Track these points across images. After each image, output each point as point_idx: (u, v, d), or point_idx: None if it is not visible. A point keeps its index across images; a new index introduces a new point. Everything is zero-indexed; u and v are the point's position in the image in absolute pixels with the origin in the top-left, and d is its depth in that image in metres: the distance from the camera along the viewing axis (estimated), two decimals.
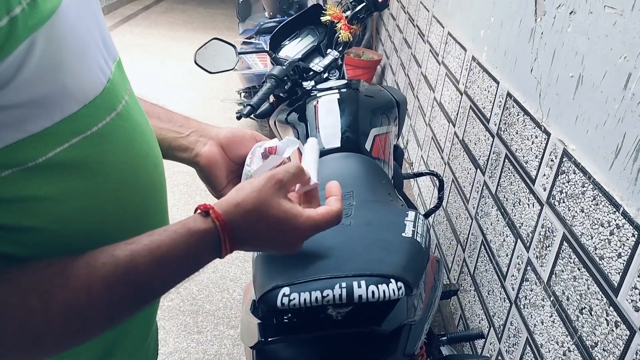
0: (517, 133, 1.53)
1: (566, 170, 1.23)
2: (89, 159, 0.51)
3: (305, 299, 0.74)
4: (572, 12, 1.29)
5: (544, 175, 1.34)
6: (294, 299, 0.74)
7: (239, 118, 1.59)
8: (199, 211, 0.58)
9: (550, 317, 1.26)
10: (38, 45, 0.43)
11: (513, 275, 1.49)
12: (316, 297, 0.74)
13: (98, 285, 0.49)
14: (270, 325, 0.82)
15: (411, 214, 0.97)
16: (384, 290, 0.74)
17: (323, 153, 1.44)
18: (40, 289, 0.47)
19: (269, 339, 0.81)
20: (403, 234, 0.88)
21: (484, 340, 1.68)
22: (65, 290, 0.48)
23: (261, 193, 0.60)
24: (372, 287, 0.74)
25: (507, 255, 1.54)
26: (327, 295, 0.74)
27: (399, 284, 0.75)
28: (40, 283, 0.47)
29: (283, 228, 0.60)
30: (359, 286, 0.74)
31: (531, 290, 1.37)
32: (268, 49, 1.79)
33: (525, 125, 1.48)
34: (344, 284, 0.74)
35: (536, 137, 1.41)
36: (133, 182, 0.56)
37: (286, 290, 0.75)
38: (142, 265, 0.51)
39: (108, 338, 0.62)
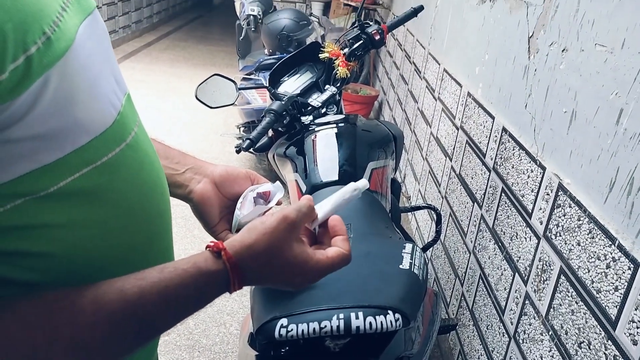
0: (513, 167, 1.55)
1: (562, 204, 1.25)
2: (99, 188, 0.52)
3: (303, 330, 0.74)
4: (564, 49, 1.32)
5: (540, 209, 1.35)
6: (292, 330, 0.74)
7: (238, 152, 1.61)
8: (209, 249, 0.58)
9: (549, 351, 1.25)
10: (52, 81, 0.45)
11: (511, 310, 1.48)
12: (314, 328, 0.74)
13: (104, 321, 0.50)
14: (268, 358, 0.81)
15: (408, 247, 0.97)
16: (381, 322, 0.74)
17: (321, 186, 1.45)
18: (47, 326, 0.48)
19: None
20: (400, 266, 0.89)
21: None
22: (71, 326, 0.48)
23: (273, 235, 0.60)
24: (369, 318, 0.74)
25: (505, 289, 1.54)
26: (325, 326, 0.74)
27: (397, 315, 0.75)
28: (47, 319, 0.48)
29: (292, 271, 0.61)
30: (357, 317, 0.74)
31: (530, 325, 1.37)
32: (267, 85, 1.82)
33: (521, 159, 1.50)
34: (341, 315, 0.74)
35: (532, 171, 1.42)
36: (141, 209, 0.57)
37: (284, 321, 0.75)
38: (150, 305, 0.52)
39: None
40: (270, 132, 1.85)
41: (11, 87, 0.42)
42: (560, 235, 1.24)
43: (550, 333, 1.25)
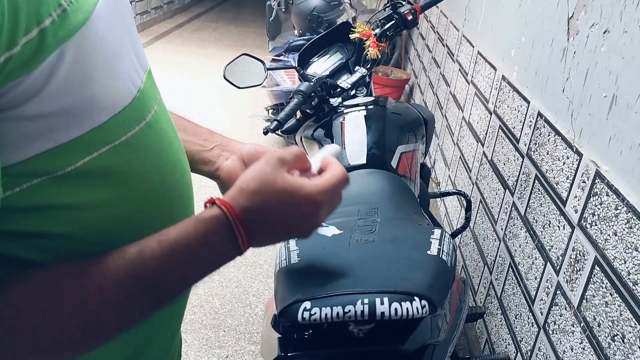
0: (547, 153, 1.50)
1: (599, 192, 1.20)
2: (117, 168, 0.51)
3: (326, 314, 0.73)
4: (606, 31, 1.26)
5: (576, 197, 1.31)
6: (315, 313, 0.73)
7: (265, 133, 1.60)
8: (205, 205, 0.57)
9: (580, 343, 1.22)
10: (67, 56, 0.44)
11: (542, 300, 1.45)
12: (337, 313, 0.72)
13: (109, 281, 0.48)
14: (291, 340, 0.80)
15: (437, 232, 0.95)
16: (407, 308, 0.72)
17: (348, 169, 1.43)
18: (52, 288, 0.47)
19: (289, 354, 0.79)
20: (428, 252, 0.87)
21: None
22: (76, 288, 0.47)
23: (262, 172, 0.58)
24: (395, 305, 0.72)
25: (535, 278, 1.50)
26: (349, 311, 0.72)
27: (423, 302, 0.73)
28: (52, 282, 0.47)
29: (293, 200, 0.57)
30: (382, 303, 0.72)
31: (560, 316, 1.33)
32: (296, 66, 1.80)
33: (557, 145, 1.45)
34: (366, 300, 0.73)
35: (567, 157, 1.37)
36: (160, 191, 0.56)
37: (307, 304, 0.74)
38: (151, 258, 0.50)
39: (131, 348, 0.61)
40: (298, 114, 1.83)
41: (24, 61, 0.41)
42: (595, 225, 1.20)
43: (582, 325, 1.22)
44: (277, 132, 1.61)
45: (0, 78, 0.40)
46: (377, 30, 1.75)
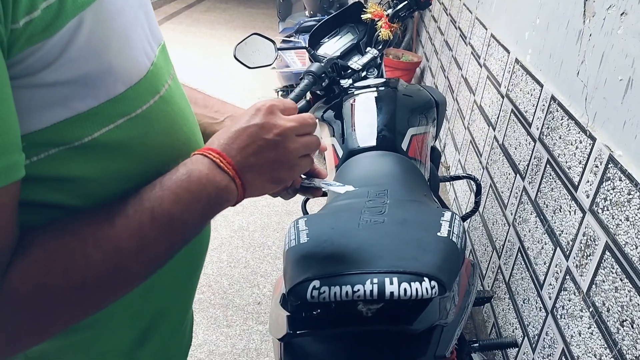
0: (560, 138, 1.48)
1: (611, 177, 1.18)
2: (132, 141, 0.51)
3: (335, 293, 0.73)
4: (623, 13, 1.24)
5: (588, 181, 1.29)
6: (324, 292, 0.73)
7: None
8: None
9: (588, 328, 1.21)
10: (86, 23, 0.44)
11: (550, 284, 1.44)
12: (347, 292, 0.72)
13: (117, 216, 0.49)
14: (299, 319, 0.81)
15: (447, 214, 0.94)
16: (416, 289, 0.72)
17: (358, 151, 1.43)
18: (72, 229, 0.48)
19: (297, 332, 0.80)
20: (438, 234, 0.86)
21: (517, 349, 1.63)
22: (91, 225, 0.48)
23: (239, 117, 0.60)
24: (404, 285, 0.72)
25: (544, 263, 1.50)
26: (358, 290, 0.72)
27: (433, 282, 0.73)
28: (70, 224, 0.48)
29: (249, 113, 0.59)
30: (391, 283, 0.72)
31: (569, 300, 1.32)
32: (307, 46, 1.79)
33: (570, 129, 1.43)
34: (375, 280, 0.73)
35: (580, 142, 1.36)
36: (175, 164, 0.56)
37: (316, 283, 0.74)
38: (148, 192, 0.51)
39: (146, 319, 0.62)
40: (308, 96, 1.82)
41: (44, 26, 0.41)
42: (607, 210, 1.19)
43: (590, 310, 1.21)
44: None
45: (20, 43, 0.40)
46: (390, 11, 1.73)
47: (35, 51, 0.42)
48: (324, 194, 1.50)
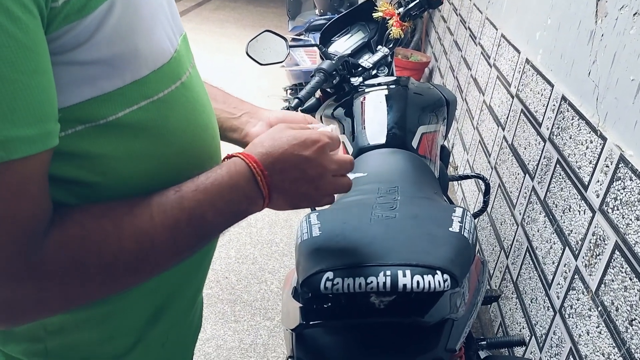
0: (570, 138, 1.49)
1: (622, 177, 1.19)
2: (154, 124, 0.54)
3: (348, 285, 0.73)
4: (636, 13, 1.24)
5: (598, 181, 1.30)
6: (338, 283, 0.74)
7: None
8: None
9: (597, 327, 1.22)
10: (116, 7, 0.47)
11: (559, 284, 1.44)
12: (360, 284, 0.73)
13: (157, 210, 0.52)
14: (312, 310, 0.82)
15: (458, 210, 0.95)
16: (429, 281, 0.73)
17: (368, 149, 1.43)
18: (111, 215, 0.51)
19: (310, 323, 0.81)
20: (450, 229, 0.87)
21: (524, 348, 1.63)
22: (130, 215, 0.51)
23: (271, 129, 0.64)
24: (417, 277, 0.73)
25: (553, 263, 1.50)
26: (371, 282, 0.73)
27: (445, 276, 0.74)
28: (111, 210, 0.51)
29: (298, 140, 0.61)
30: (404, 275, 0.73)
31: (577, 300, 1.33)
32: (318, 44, 1.79)
33: (580, 129, 1.43)
34: (388, 272, 0.73)
35: (591, 142, 1.36)
36: (192, 150, 0.59)
37: (330, 274, 0.75)
38: (188, 193, 0.54)
39: (160, 298, 0.64)
40: (318, 94, 1.83)
41: (79, 6, 0.44)
42: (617, 209, 1.19)
43: (599, 309, 1.21)
44: (297, 110, 1.61)
45: (57, 21, 0.43)
46: (401, 10, 1.73)
47: (70, 30, 0.44)
48: None
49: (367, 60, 1.72)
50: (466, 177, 1.80)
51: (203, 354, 1.90)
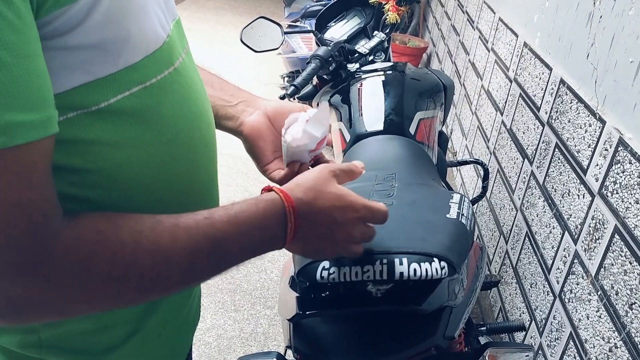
0: (569, 121, 1.47)
1: (621, 160, 1.18)
2: (147, 110, 0.53)
3: (345, 274, 0.73)
4: None
5: (597, 165, 1.29)
6: (334, 273, 0.73)
7: (282, 99, 1.59)
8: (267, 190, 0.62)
9: (596, 311, 1.21)
10: None
11: (558, 268, 1.44)
12: (356, 272, 0.73)
13: (182, 233, 0.52)
14: (309, 299, 0.81)
15: (456, 197, 0.94)
16: (426, 269, 0.72)
17: (365, 136, 1.42)
18: (132, 227, 0.50)
19: (307, 312, 0.80)
20: (448, 215, 0.86)
21: (524, 333, 1.63)
22: (152, 232, 0.50)
23: (318, 175, 0.63)
24: (414, 265, 0.72)
25: (552, 247, 1.49)
26: (368, 270, 0.72)
27: (443, 263, 0.73)
28: (132, 221, 0.50)
29: (341, 203, 0.62)
30: (401, 263, 0.72)
31: (577, 284, 1.32)
32: (314, 30, 1.77)
33: (579, 113, 1.42)
34: (385, 260, 0.73)
35: (590, 125, 1.35)
36: (186, 136, 0.58)
37: (326, 264, 0.74)
38: (219, 222, 0.54)
39: None
40: (315, 80, 1.81)
41: None
42: (617, 193, 1.18)
43: (599, 293, 1.21)
44: (293, 97, 1.59)
45: (48, 5, 0.42)
46: None
47: (61, 14, 0.44)
48: None
49: (363, 46, 1.70)
50: (465, 162, 1.79)
51: (203, 343, 1.90)
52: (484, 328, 1.35)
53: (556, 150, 1.54)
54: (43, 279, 0.45)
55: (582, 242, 1.32)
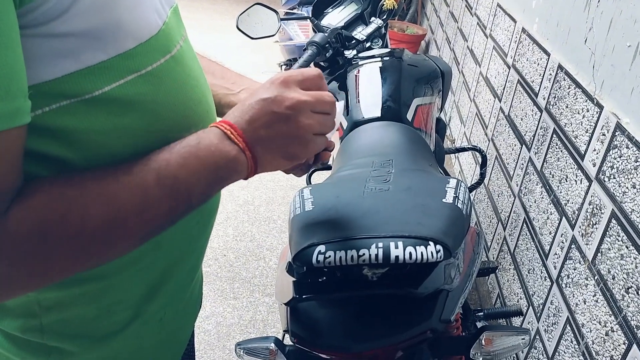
0: (567, 107, 1.47)
1: (618, 145, 1.18)
2: (143, 98, 0.53)
3: (340, 257, 0.73)
4: None
5: (594, 150, 1.28)
6: (330, 256, 0.73)
7: None
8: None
9: (593, 296, 1.22)
10: None
11: (556, 254, 1.44)
12: (352, 256, 0.73)
13: (121, 173, 0.50)
14: (305, 284, 0.81)
15: (453, 181, 0.94)
16: (421, 252, 0.72)
17: (363, 122, 1.42)
18: (75, 181, 0.49)
19: (303, 296, 0.80)
20: (444, 200, 0.86)
21: (522, 318, 1.64)
22: (95, 180, 0.49)
23: (253, 92, 0.60)
24: (409, 249, 0.72)
25: (550, 233, 1.49)
26: (363, 254, 0.73)
27: (438, 246, 0.73)
28: (75, 176, 0.49)
29: (259, 84, 0.59)
30: (396, 247, 0.72)
31: (574, 269, 1.33)
32: (310, 16, 1.76)
33: (577, 98, 1.41)
34: (380, 244, 0.73)
35: (587, 110, 1.34)
36: (185, 125, 0.57)
37: (322, 248, 0.74)
38: (154, 153, 0.52)
39: (155, 274, 0.64)
40: (312, 67, 1.80)
41: None
42: (614, 178, 1.18)
43: (595, 278, 1.21)
44: None
45: None
46: None
47: (45, 2, 0.43)
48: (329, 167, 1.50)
49: (360, 33, 1.69)
50: (462, 149, 1.79)
51: (203, 331, 1.91)
52: (482, 313, 1.35)
53: (554, 136, 1.54)
54: (1, 256, 0.45)
55: (580, 227, 1.32)
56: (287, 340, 0.93)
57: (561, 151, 1.48)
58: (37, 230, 0.46)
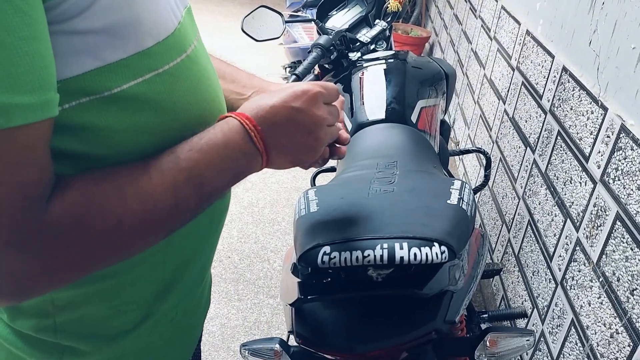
0: (571, 109, 1.47)
1: (623, 147, 1.18)
2: (160, 96, 0.53)
3: (345, 258, 0.73)
4: None
5: (599, 152, 1.28)
6: (335, 257, 0.74)
7: None
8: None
9: (598, 298, 1.22)
10: None
11: (560, 256, 1.44)
12: (357, 257, 0.73)
13: (154, 172, 0.52)
14: (310, 284, 0.82)
15: (457, 183, 0.94)
16: (426, 253, 0.72)
17: (367, 124, 1.42)
18: (111, 178, 0.50)
19: (308, 297, 0.81)
20: (448, 201, 0.86)
21: (526, 320, 1.64)
22: (130, 177, 0.51)
23: (270, 93, 0.62)
24: (414, 250, 0.72)
25: (554, 235, 1.49)
26: (368, 255, 0.73)
27: (443, 247, 0.73)
28: (110, 173, 0.51)
29: (287, 92, 0.60)
30: (401, 248, 0.72)
31: (579, 271, 1.33)
32: (315, 19, 1.77)
33: (581, 100, 1.41)
34: (385, 245, 0.73)
35: (592, 112, 1.34)
36: (199, 123, 0.58)
37: (327, 249, 0.74)
38: (183, 152, 0.54)
39: (167, 272, 0.65)
40: (316, 70, 1.81)
41: None
42: (618, 180, 1.18)
43: (600, 280, 1.21)
44: None
45: None
46: None
47: None
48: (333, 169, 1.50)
49: (365, 35, 1.69)
50: (467, 151, 1.79)
51: (207, 332, 1.91)
52: (486, 315, 1.35)
53: (558, 138, 1.54)
54: (40, 251, 0.46)
55: (584, 229, 1.32)
56: (292, 341, 0.94)
57: (565, 153, 1.48)
58: (78, 225, 0.47)
